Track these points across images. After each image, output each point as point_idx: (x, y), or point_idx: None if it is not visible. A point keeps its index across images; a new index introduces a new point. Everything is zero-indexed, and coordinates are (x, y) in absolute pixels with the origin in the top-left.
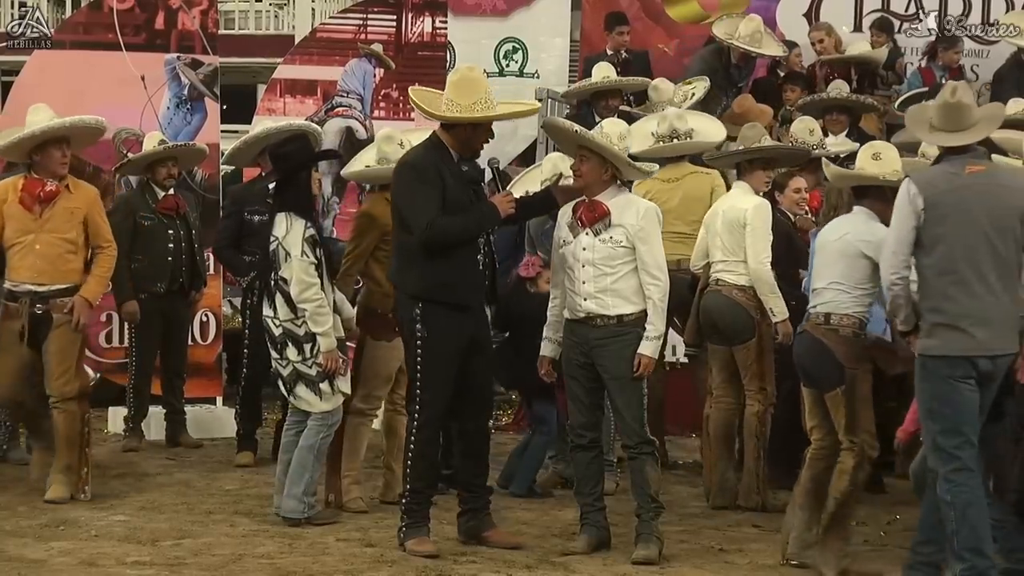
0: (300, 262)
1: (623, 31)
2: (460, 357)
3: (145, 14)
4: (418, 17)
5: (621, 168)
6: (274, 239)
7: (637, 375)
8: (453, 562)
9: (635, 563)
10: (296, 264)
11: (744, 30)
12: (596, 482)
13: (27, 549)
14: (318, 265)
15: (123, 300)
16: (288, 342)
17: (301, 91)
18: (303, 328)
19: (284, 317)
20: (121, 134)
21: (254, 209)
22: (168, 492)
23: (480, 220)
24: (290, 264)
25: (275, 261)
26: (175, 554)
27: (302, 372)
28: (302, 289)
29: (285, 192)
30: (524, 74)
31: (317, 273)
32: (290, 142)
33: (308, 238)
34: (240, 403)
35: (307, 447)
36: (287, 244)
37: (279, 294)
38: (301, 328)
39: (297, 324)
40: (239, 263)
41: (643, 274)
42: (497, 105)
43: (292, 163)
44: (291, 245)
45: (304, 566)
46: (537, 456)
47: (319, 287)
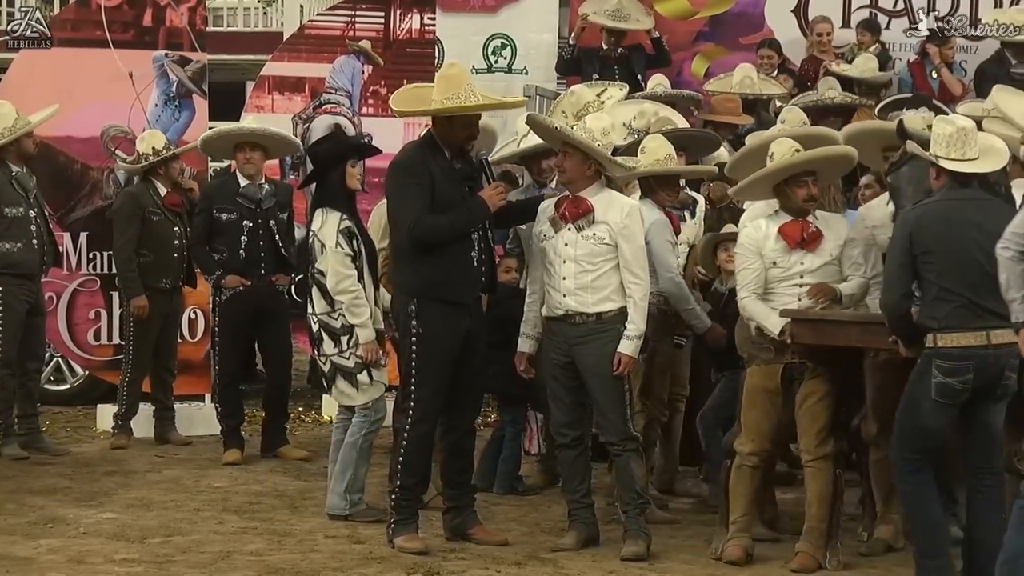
0: (336, 253)
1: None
2: (454, 354)
3: (133, 11)
4: (406, 13)
5: (604, 164)
6: (311, 233)
7: (617, 374)
8: (442, 559)
9: (624, 559)
10: (332, 256)
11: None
12: (582, 479)
13: (15, 547)
14: (355, 257)
15: (132, 295)
16: (324, 335)
17: (289, 88)
18: (339, 320)
19: (320, 311)
20: (110, 131)
21: (223, 207)
22: (157, 489)
23: (468, 217)
24: (326, 256)
25: (311, 254)
26: (164, 551)
27: (339, 365)
28: (338, 280)
29: (320, 188)
30: (512, 70)
31: (355, 265)
32: (324, 140)
33: (343, 230)
34: (218, 401)
35: (350, 444)
36: (322, 236)
37: (315, 287)
38: (337, 320)
39: (333, 317)
40: (208, 261)
41: (625, 272)
42: (480, 97)
43: (322, 161)
44: (326, 237)
45: (293, 563)
46: (514, 452)
47: (355, 279)
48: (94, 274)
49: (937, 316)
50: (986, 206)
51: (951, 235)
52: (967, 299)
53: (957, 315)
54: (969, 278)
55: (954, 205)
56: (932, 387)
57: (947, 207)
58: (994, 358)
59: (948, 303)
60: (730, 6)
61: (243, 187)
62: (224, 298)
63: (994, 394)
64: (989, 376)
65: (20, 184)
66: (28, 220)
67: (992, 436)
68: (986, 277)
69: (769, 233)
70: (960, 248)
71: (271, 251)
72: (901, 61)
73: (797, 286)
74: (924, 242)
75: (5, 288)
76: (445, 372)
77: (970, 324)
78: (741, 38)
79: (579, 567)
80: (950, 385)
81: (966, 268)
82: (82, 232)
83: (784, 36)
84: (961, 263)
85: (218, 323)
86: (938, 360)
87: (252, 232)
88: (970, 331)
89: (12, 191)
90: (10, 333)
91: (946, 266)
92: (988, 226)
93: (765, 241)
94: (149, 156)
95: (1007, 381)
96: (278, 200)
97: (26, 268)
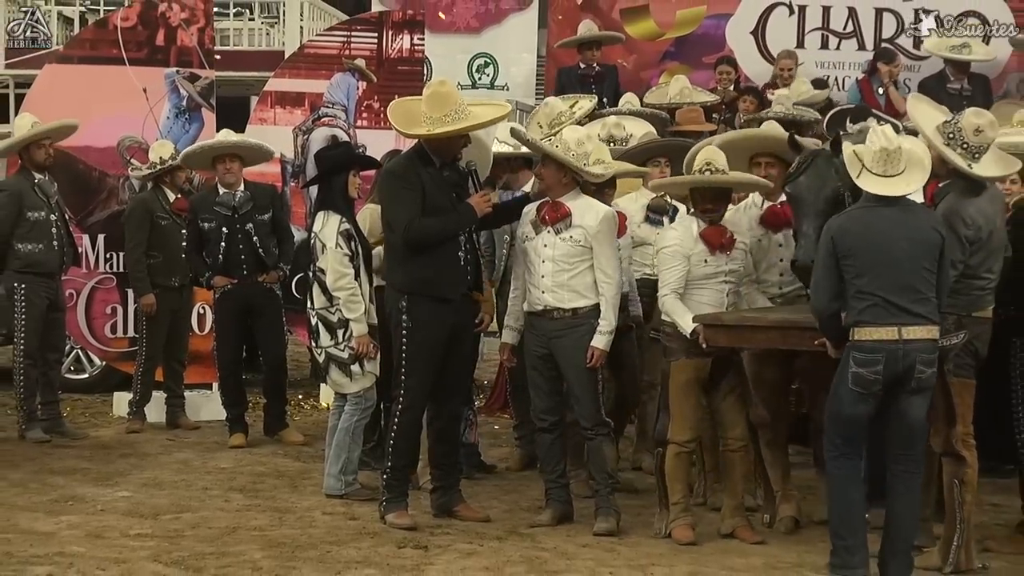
0: (335, 253)
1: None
2: (442, 346)
3: (147, 31)
4: (398, 34)
5: (577, 172)
6: (312, 234)
7: (590, 365)
8: (430, 534)
9: (596, 535)
10: (331, 255)
11: (673, 91)
12: (558, 461)
13: (38, 523)
14: (352, 257)
15: (142, 293)
16: (322, 329)
17: (290, 102)
18: (336, 315)
19: (319, 305)
20: (125, 141)
21: (205, 216)
22: (168, 470)
23: (457, 220)
24: (326, 255)
25: (313, 253)
26: (174, 527)
27: (334, 355)
28: (336, 278)
29: (323, 192)
30: (495, 87)
31: (352, 264)
32: (332, 148)
33: (343, 231)
34: (221, 391)
35: (344, 429)
36: (323, 237)
37: (316, 284)
38: (335, 315)
39: (331, 311)
40: (200, 265)
41: (599, 272)
42: (470, 113)
43: (328, 166)
44: (327, 238)
45: (293, 538)
46: None
47: (352, 276)
48: (111, 273)
49: (853, 313)
50: (906, 211)
51: (870, 239)
52: (881, 298)
53: (871, 312)
54: (884, 280)
55: (875, 211)
56: (849, 377)
57: (867, 213)
58: (904, 352)
59: (864, 301)
60: (694, 28)
61: (219, 197)
62: (217, 296)
63: (908, 386)
64: (900, 369)
65: (42, 190)
66: (49, 223)
67: (908, 425)
68: (902, 278)
69: (696, 236)
70: (877, 252)
71: (250, 252)
72: (851, 79)
73: (723, 282)
74: (845, 246)
75: (27, 286)
76: (433, 363)
77: (883, 321)
78: (704, 57)
79: (555, 541)
80: (863, 375)
81: (882, 270)
82: (100, 234)
83: (743, 56)
84: (877, 265)
85: (215, 320)
86: (854, 352)
87: (230, 237)
88: (882, 327)
89: (34, 196)
90: (31, 327)
91: (863, 268)
92: (907, 230)
93: (695, 244)
94: (157, 165)
95: (920, 375)
96: (256, 204)
97: (46, 267)
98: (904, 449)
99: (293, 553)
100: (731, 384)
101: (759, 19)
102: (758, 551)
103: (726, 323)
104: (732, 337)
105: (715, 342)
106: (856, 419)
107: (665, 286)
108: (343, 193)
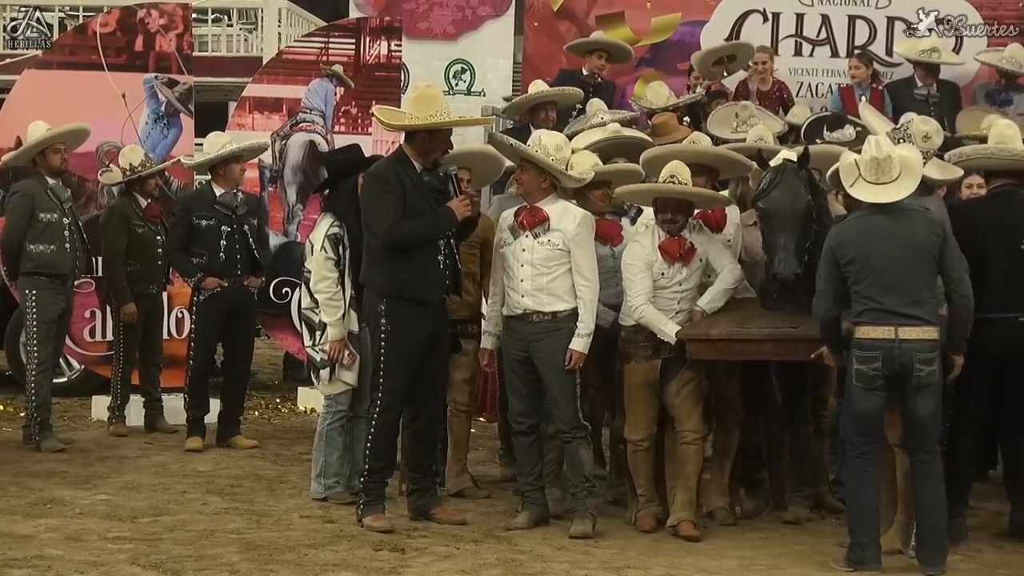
0: (319, 255)
1: (603, 55)
2: (420, 349)
3: (126, 37)
4: (375, 40)
5: (557, 177)
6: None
7: (569, 368)
8: (406, 536)
9: (572, 537)
10: (316, 257)
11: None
12: (535, 463)
13: (16, 525)
14: (337, 261)
15: (123, 302)
16: (304, 328)
17: (268, 108)
18: (318, 316)
19: (305, 305)
20: (104, 146)
21: (202, 214)
22: (146, 473)
23: (437, 224)
24: (313, 257)
25: (306, 254)
26: (152, 530)
27: (311, 356)
28: (317, 280)
29: (328, 195)
30: (472, 92)
31: (336, 268)
32: (341, 151)
33: (330, 235)
34: (189, 391)
35: (317, 434)
36: (313, 238)
37: (304, 284)
38: (316, 316)
39: (315, 312)
40: (187, 265)
41: (576, 276)
42: (454, 116)
43: (339, 169)
44: (315, 240)
45: (270, 540)
46: None
47: (334, 281)
48: (89, 277)
49: (855, 314)
50: (899, 218)
51: (865, 247)
52: (876, 302)
53: (868, 315)
54: (879, 285)
55: (869, 219)
56: (853, 373)
57: (863, 221)
58: (899, 351)
59: (862, 304)
60: (670, 35)
61: (220, 195)
62: (203, 298)
63: (910, 384)
64: (896, 365)
65: (55, 194)
66: (62, 226)
67: (918, 422)
68: (894, 283)
69: (654, 247)
70: (871, 258)
71: (246, 253)
72: (824, 85)
73: (677, 294)
74: (843, 254)
75: (39, 292)
76: (410, 365)
77: (879, 322)
78: (679, 64)
79: (531, 544)
80: (864, 371)
81: (876, 276)
82: None
83: None
84: (872, 272)
85: (195, 322)
86: (855, 349)
87: (230, 236)
88: (879, 326)
89: (47, 199)
90: (43, 336)
91: (860, 274)
92: (899, 237)
93: (653, 254)
94: (127, 171)
95: (919, 373)
96: (249, 208)
97: (58, 268)
98: (919, 443)
99: (271, 556)
100: (684, 379)
101: (733, 26)
102: (732, 553)
103: (713, 337)
104: (721, 350)
105: (700, 356)
106: (867, 414)
107: (637, 296)
108: (352, 196)
